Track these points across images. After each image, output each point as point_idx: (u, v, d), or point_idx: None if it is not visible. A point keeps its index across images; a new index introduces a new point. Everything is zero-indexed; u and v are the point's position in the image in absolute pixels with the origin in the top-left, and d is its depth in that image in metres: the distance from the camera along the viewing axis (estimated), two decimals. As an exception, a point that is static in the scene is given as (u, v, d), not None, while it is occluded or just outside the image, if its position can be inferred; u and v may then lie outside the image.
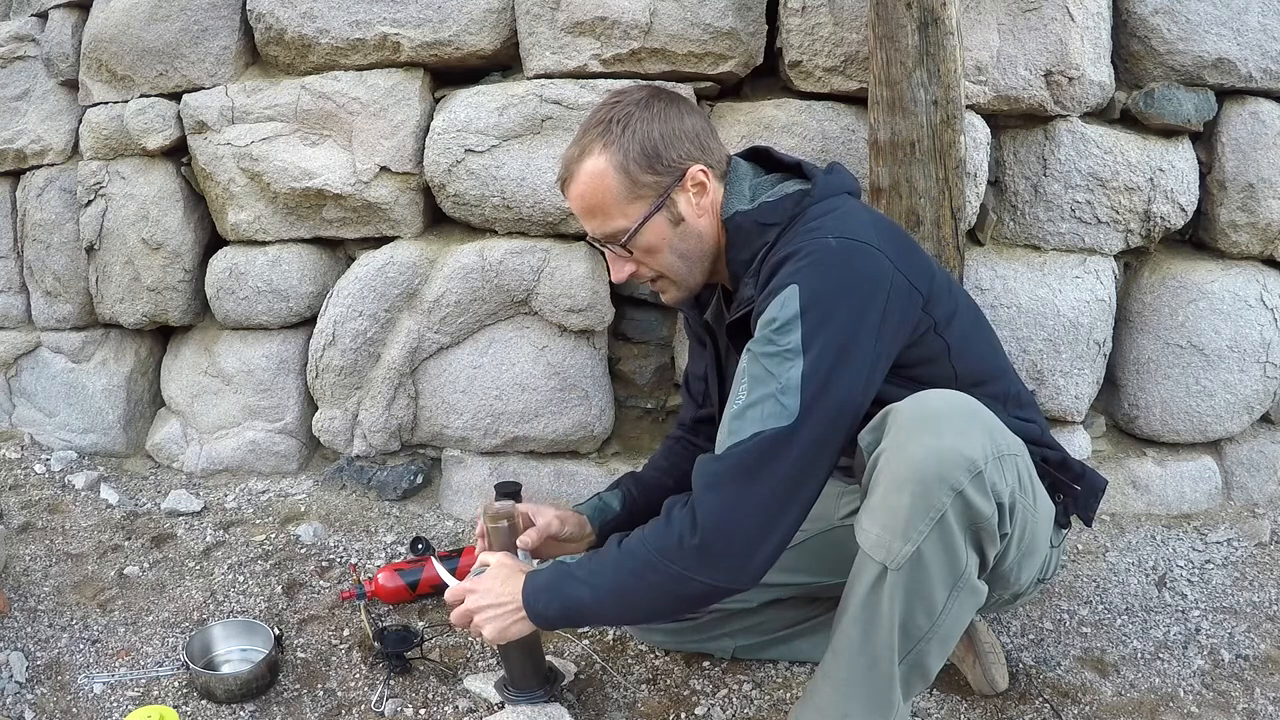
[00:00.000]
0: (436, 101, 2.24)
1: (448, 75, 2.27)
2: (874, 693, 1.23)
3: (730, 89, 2.18)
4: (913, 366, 1.35)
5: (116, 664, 1.71)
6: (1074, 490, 1.42)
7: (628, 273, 1.45)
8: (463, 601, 1.41)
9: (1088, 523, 1.48)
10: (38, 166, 2.60)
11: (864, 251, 1.28)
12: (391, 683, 1.64)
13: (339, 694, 1.63)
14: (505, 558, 1.44)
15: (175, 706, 1.57)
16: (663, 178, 1.38)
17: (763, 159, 1.51)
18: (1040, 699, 1.60)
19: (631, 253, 1.42)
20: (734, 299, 1.44)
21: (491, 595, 1.38)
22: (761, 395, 1.23)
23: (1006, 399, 1.45)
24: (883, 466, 1.20)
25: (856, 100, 2.04)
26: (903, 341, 1.32)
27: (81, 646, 1.76)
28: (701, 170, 1.39)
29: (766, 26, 2.06)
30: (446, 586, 1.92)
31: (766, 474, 1.21)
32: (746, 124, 2.07)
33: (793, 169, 1.47)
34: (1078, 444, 2.21)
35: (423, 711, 1.58)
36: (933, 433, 1.17)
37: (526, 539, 1.51)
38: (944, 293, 1.41)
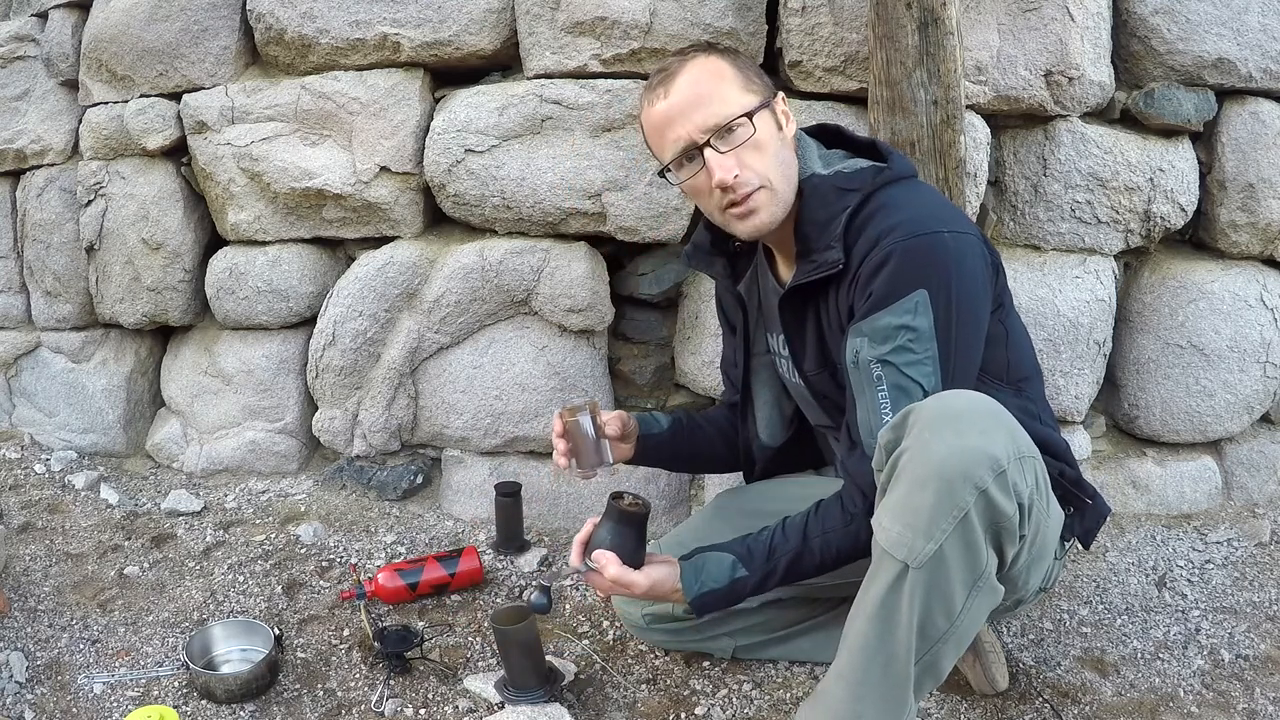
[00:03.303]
0: (436, 101, 2.25)
1: (448, 75, 2.27)
2: (889, 694, 1.22)
3: (730, 89, 2.18)
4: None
5: (116, 664, 1.71)
6: (1085, 504, 1.43)
7: (734, 172, 1.35)
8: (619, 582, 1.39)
9: (1086, 545, 1.50)
10: (38, 166, 2.60)
11: (973, 246, 1.34)
12: (391, 683, 1.64)
13: (339, 694, 1.63)
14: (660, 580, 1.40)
15: (175, 706, 1.57)
16: (767, 87, 1.42)
17: (827, 138, 1.52)
18: (1040, 699, 1.60)
19: (744, 142, 1.35)
20: (803, 261, 1.41)
21: (649, 588, 1.40)
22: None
23: (1045, 401, 1.49)
24: (905, 464, 1.19)
25: (856, 100, 2.04)
26: None
27: (81, 646, 1.76)
28: (784, 103, 1.43)
29: (766, 26, 2.06)
30: (446, 586, 1.94)
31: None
32: (746, 124, 2.07)
33: (865, 146, 1.49)
34: (1078, 444, 2.21)
35: (423, 711, 1.58)
36: (957, 431, 1.17)
37: (612, 427, 1.59)
38: (1002, 280, 1.48)
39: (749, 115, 1.35)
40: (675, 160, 1.40)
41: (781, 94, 1.43)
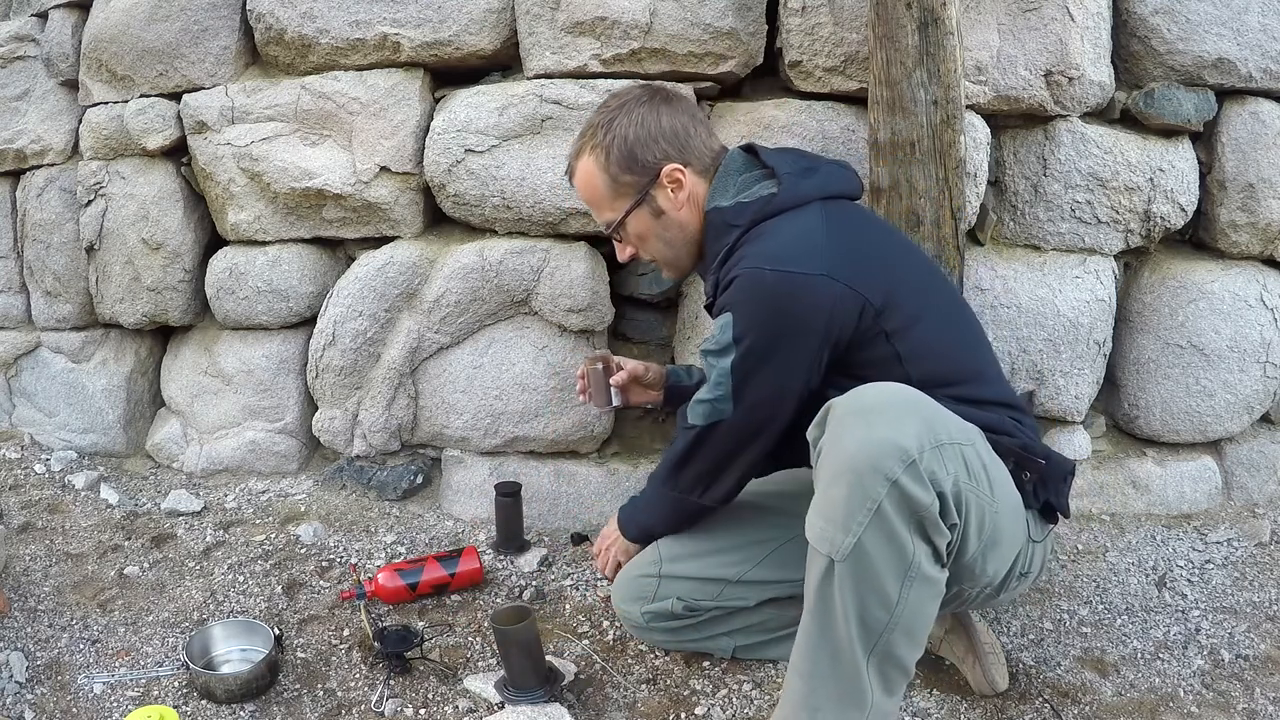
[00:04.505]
0: (436, 101, 2.25)
1: (448, 75, 2.27)
2: (841, 685, 1.25)
3: (730, 89, 2.18)
4: (861, 368, 1.42)
5: (116, 664, 1.71)
6: (1038, 465, 1.41)
7: (628, 254, 1.67)
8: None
9: (1064, 511, 1.48)
10: (38, 166, 2.59)
11: (811, 288, 1.38)
12: (391, 683, 1.64)
13: (339, 694, 1.63)
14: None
15: (175, 706, 1.57)
16: (640, 177, 1.55)
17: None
18: (1040, 699, 1.60)
19: (622, 239, 1.63)
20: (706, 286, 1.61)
21: (608, 535, 1.78)
22: (712, 396, 1.48)
23: (979, 402, 1.45)
24: (822, 460, 1.24)
25: (856, 100, 2.04)
26: (838, 351, 1.43)
27: (81, 646, 1.76)
28: (677, 169, 1.54)
29: (766, 26, 2.06)
30: (446, 586, 1.95)
31: (713, 447, 1.52)
32: (746, 124, 2.07)
33: (770, 170, 1.53)
34: (1078, 444, 2.21)
35: (423, 711, 1.58)
36: (866, 424, 1.21)
37: (618, 378, 1.83)
38: (909, 299, 1.45)
39: (619, 224, 1.60)
40: None
41: (671, 167, 1.53)
